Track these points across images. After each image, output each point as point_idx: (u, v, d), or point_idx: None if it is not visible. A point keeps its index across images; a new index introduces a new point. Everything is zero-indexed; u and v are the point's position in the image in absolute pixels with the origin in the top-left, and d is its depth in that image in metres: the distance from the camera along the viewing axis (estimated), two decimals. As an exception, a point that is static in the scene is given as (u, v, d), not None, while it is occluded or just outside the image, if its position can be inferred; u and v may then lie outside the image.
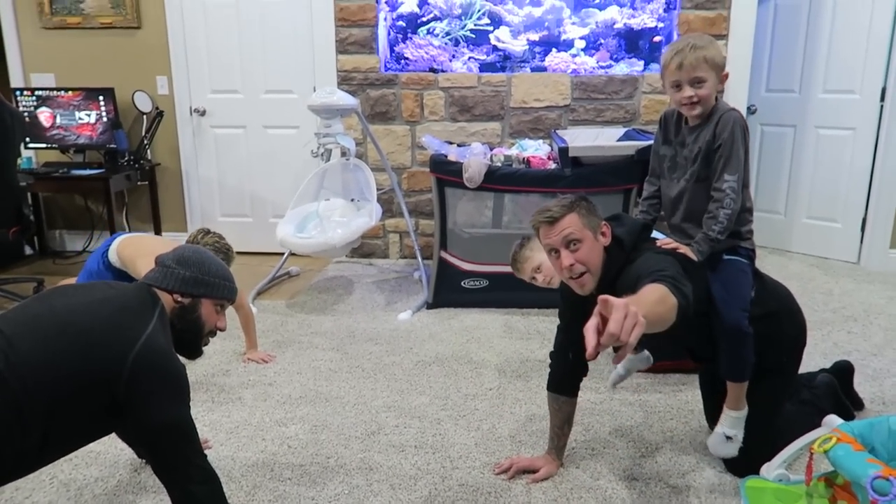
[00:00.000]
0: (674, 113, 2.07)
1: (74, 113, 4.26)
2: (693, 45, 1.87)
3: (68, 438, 1.50)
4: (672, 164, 2.05)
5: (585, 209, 1.82)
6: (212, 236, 2.68)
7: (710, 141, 1.92)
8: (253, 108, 4.37)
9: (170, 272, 1.68)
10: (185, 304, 1.68)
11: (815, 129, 4.24)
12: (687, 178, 1.99)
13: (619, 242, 1.84)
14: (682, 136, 2.02)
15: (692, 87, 1.89)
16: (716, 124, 1.91)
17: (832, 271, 4.03)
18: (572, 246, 1.79)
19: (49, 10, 4.31)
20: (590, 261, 1.79)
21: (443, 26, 4.20)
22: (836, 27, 4.05)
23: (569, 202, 1.82)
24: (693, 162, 1.97)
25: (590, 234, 1.80)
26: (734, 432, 1.95)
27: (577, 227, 1.79)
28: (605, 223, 1.86)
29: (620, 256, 1.82)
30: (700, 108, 1.92)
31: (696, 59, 1.86)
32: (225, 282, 1.75)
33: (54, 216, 4.72)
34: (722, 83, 1.94)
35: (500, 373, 2.75)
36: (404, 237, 4.38)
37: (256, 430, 2.32)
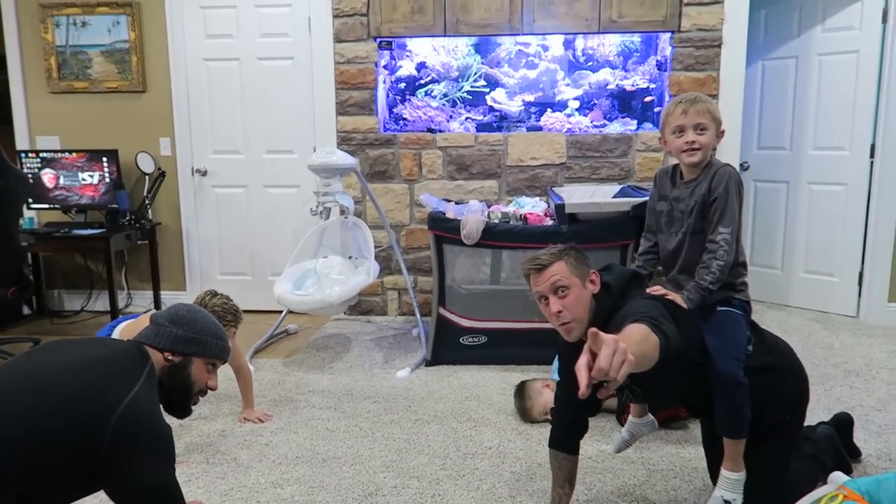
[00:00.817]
0: (668, 170, 2.13)
1: (78, 174, 4.33)
2: (697, 97, 2.00)
3: (49, 498, 1.47)
4: (669, 219, 2.09)
5: (574, 258, 1.85)
6: (219, 298, 2.68)
7: (705, 194, 1.97)
8: (254, 167, 4.45)
9: (162, 330, 1.68)
10: (175, 362, 1.67)
11: (807, 185, 4.30)
12: (684, 230, 2.03)
13: (607, 288, 1.86)
14: (678, 191, 2.07)
15: (695, 133, 1.97)
16: (711, 178, 1.97)
17: (831, 325, 4.02)
18: (560, 293, 1.81)
19: (57, 76, 4.44)
20: (577, 308, 1.81)
21: (440, 88, 4.31)
22: (823, 86, 4.16)
23: (558, 251, 1.86)
24: (689, 215, 2.01)
25: (577, 282, 1.82)
26: (733, 496, 1.88)
27: (564, 274, 1.81)
28: (594, 272, 1.88)
29: (609, 302, 1.83)
30: (699, 156, 1.98)
31: (701, 107, 1.97)
32: (217, 340, 1.75)
33: (53, 276, 4.73)
34: (719, 139, 2.02)
35: (500, 431, 2.71)
36: (403, 294, 4.38)
37: (251, 491, 2.27)
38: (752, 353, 1.93)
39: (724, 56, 3.97)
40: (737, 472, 1.89)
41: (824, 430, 2.29)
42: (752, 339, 1.97)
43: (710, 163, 2.02)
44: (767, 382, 1.90)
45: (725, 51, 3.97)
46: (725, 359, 1.86)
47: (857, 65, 4.00)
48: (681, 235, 2.04)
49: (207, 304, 2.59)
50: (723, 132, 2.02)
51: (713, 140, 1.99)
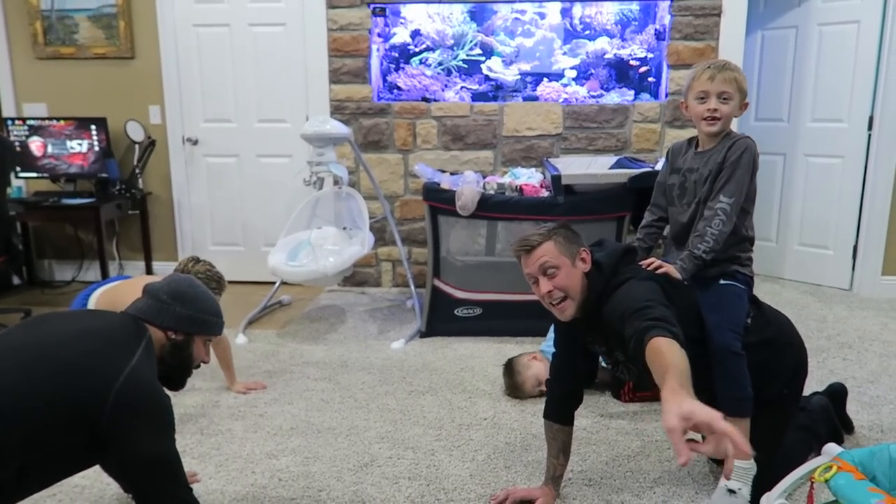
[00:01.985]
0: (682, 144, 2.10)
1: (66, 142, 4.25)
2: (727, 64, 1.93)
3: (48, 471, 1.46)
4: (681, 191, 2.04)
5: (563, 236, 1.84)
6: (203, 264, 2.65)
7: (720, 163, 1.93)
8: (246, 137, 4.38)
9: (165, 308, 1.65)
10: (178, 341, 1.66)
11: (804, 158, 4.28)
12: (697, 200, 1.99)
13: (598, 267, 1.85)
14: (692, 162, 2.02)
15: (718, 101, 1.91)
16: (728, 148, 1.93)
17: (825, 298, 4.04)
18: (549, 273, 1.82)
19: (43, 41, 4.33)
20: (568, 286, 1.81)
21: (435, 56, 4.24)
22: (823, 57, 4.11)
23: (546, 230, 1.85)
24: (703, 184, 1.97)
25: (567, 261, 1.82)
26: (738, 486, 1.84)
27: (552, 254, 1.81)
28: (585, 249, 1.87)
29: (600, 281, 1.82)
30: (718, 126, 1.93)
31: (728, 75, 1.90)
32: (217, 318, 1.75)
33: (44, 246, 4.68)
34: (742, 111, 1.96)
35: (495, 402, 2.72)
36: (397, 265, 4.36)
37: (246, 462, 2.27)
38: (751, 326, 1.92)
39: (724, 25, 3.91)
40: (741, 462, 1.83)
41: (819, 400, 2.30)
42: (752, 311, 1.96)
43: (728, 134, 1.97)
44: (766, 356, 1.90)
45: (725, 20, 3.91)
46: (722, 331, 1.85)
47: (858, 35, 3.95)
48: (694, 206, 2.00)
49: (191, 271, 2.55)
50: (746, 104, 1.96)
51: (735, 111, 1.93)
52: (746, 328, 1.91)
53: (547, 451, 2.05)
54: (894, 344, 3.29)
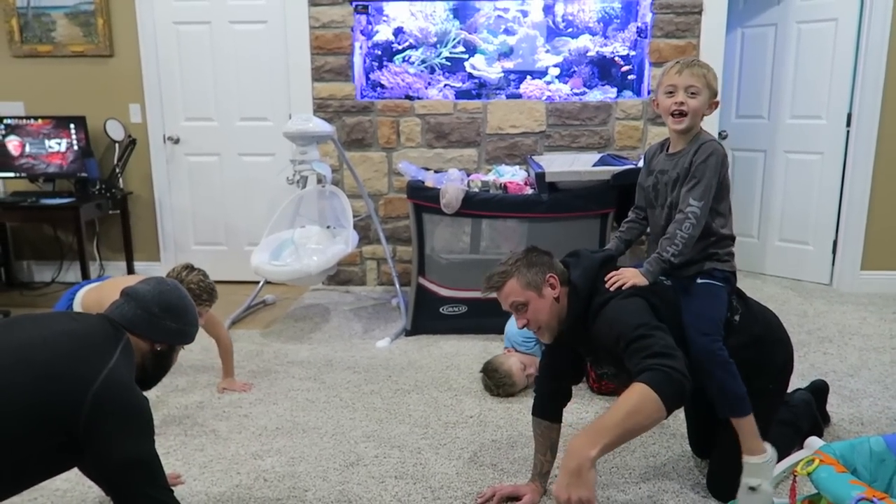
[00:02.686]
0: (658, 145, 2.08)
1: (44, 141, 4.19)
2: (696, 61, 1.93)
3: (24, 474, 1.44)
4: (655, 193, 2.03)
5: (526, 268, 1.88)
6: (196, 274, 2.60)
7: (687, 168, 1.90)
8: (227, 135, 4.34)
9: (156, 322, 1.64)
10: (163, 350, 1.68)
11: (784, 154, 4.33)
12: (668, 205, 1.97)
13: (575, 289, 1.86)
14: (663, 164, 2.00)
15: (685, 94, 1.88)
16: (695, 151, 1.90)
17: (805, 293, 4.09)
18: (520, 309, 1.88)
19: (19, 39, 4.26)
20: (539, 317, 1.88)
21: (418, 54, 4.23)
22: (801, 55, 4.16)
23: (506, 268, 1.90)
24: (672, 188, 1.95)
25: (533, 294, 1.87)
26: (757, 482, 1.81)
27: (517, 292, 1.87)
28: (552, 275, 1.88)
29: (579, 304, 1.86)
30: (686, 122, 1.89)
31: (696, 71, 1.89)
32: (195, 329, 1.77)
33: (22, 247, 4.61)
34: (711, 109, 1.94)
35: (481, 399, 2.72)
36: (382, 264, 4.35)
37: (231, 463, 2.26)
38: (739, 324, 1.93)
39: (705, 23, 3.94)
40: (756, 455, 1.83)
41: (802, 395, 2.32)
42: (740, 308, 1.96)
43: (698, 135, 1.94)
44: (755, 353, 1.90)
45: (706, 18, 3.94)
46: (698, 336, 1.83)
47: (836, 33, 4.00)
48: (666, 209, 1.98)
49: (183, 280, 2.53)
50: (716, 103, 1.94)
51: (703, 107, 1.90)
52: (734, 327, 1.91)
53: (535, 448, 2.06)
54: (874, 338, 3.34)
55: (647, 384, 1.52)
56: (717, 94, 1.94)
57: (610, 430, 1.50)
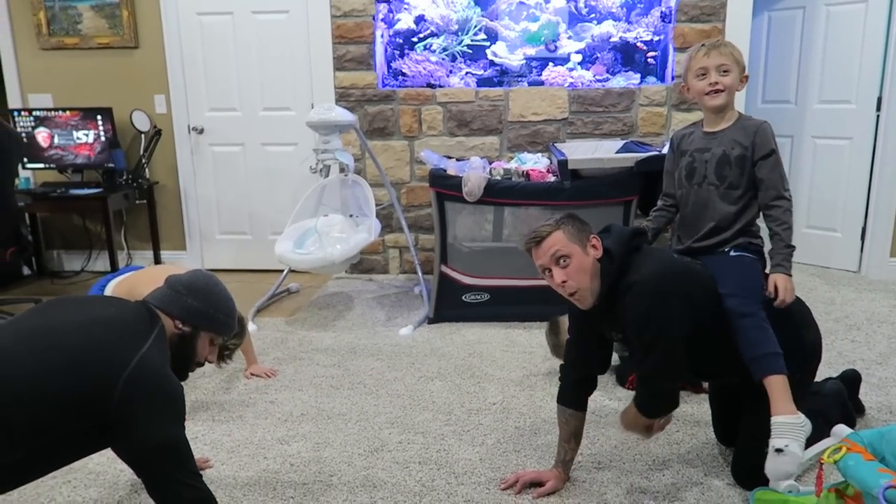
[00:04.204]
0: (685, 131, 2.13)
1: (72, 133, 4.26)
2: (720, 40, 2.00)
3: (57, 454, 1.48)
4: (689, 172, 2.05)
5: (571, 225, 1.85)
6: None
7: (745, 147, 1.96)
8: (251, 125, 4.38)
9: (178, 298, 1.66)
10: (185, 332, 1.67)
11: (812, 140, 4.25)
12: (712, 182, 2.00)
13: (608, 254, 1.85)
14: (701, 143, 2.03)
15: (718, 73, 1.95)
16: (753, 134, 1.96)
17: (833, 280, 4.03)
18: (562, 262, 1.82)
19: (47, 31, 4.33)
20: (581, 276, 1.82)
21: (440, 42, 4.22)
22: (830, 38, 4.07)
23: (554, 221, 1.86)
24: (720, 165, 1.98)
25: (578, 249, 1.82)
26: (784, 443, 1.77)
27: (563, 243, 1.82)
28: (595, 237, 1.87)
29: (612, 269, 1.83)
30: (722, 98, 1.97)
31: (724, 49, 1.97)
32: (228, 318, 1.75)
33: (52, 236, 4.71)
34: (742, 84, 2.01)
35: (504, 387, 2.73)
36: (404, 252, 4.37)
37: (258, 448, 2.30)
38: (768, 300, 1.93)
39: (730, 6, 3.88)
40: (784, 416, 1.80)
41: (833, 385, 2.29)
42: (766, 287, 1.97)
43: (740, 115, 2.01)
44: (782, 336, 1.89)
45: (731, 1, 3.88)
46: (735, 298, 1.86)
47: (866, 15, 3.91)
48: (706, 186, 2.01)
49: None
50: (746, 77, 2.02)
51: (736, 83, 1.98)
52: (766, 301, 1.92)
53: (559, 435, 2.05)
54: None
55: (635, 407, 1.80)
56: (745, 69, 2.02)
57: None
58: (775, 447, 1.79)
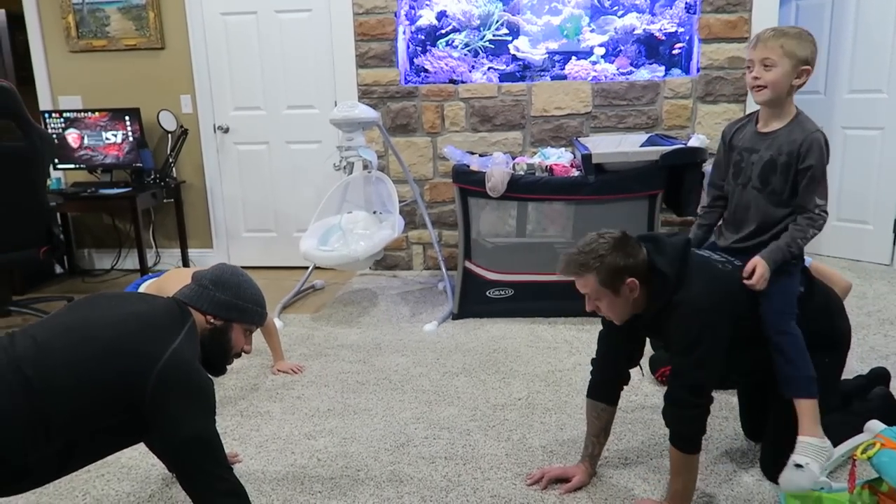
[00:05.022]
0: (738, 123, 2.03)
1: (101, 133, 4.33)
2: (777, 31, 1.85)
3: (93, 447, 1.52)
4: (736, 170, 1.97)
5: (607, 269, 1.75)
6: None
7: (791, 155, 1.84)
8: (275, 123, 4.42)
9: (206, 293, 1.69)
10: (217, 326, 1.70)
11: (842, 130, 4.17)
12: (755, 185, 1.92)
13: (663, 278, 1.78)
14: (751, 142, 1.94)
15: (761, 68, 1.83)
16: (800, 144, 1.83)
17: (865, 274, 3.95)
18: (591, 300, 1.83)
19: (76, 34, 4.41)
20: (611, 313, 1.84)
21: (462, 38, 4.21)
22: (861, 25, 3.99)
23: (587, 260, 1.77)
24: (765, 169, 1.89)
25: (608, 293, 1.78)
26: (806, 461, 1.78)
27: (593, 289, 1.79)
28: (633, 279, 1.76)
29: (666, 293, 1.77)
30: (766, 94, 1.84)
31: (772, 42, 1.82)
32: (257, 308, 1.77)
33: (83, 235, 4.80)
34: (800, 78, 1.84)
35: (529, 382, 2.73)
36: (428, 248, 4.38)
37: (285, 443, 2.32)
38: (802, 293, 1.91)
39: (757, -4, 3.82)
40: (810, 437, 1.80)
41: (879, 390, 2.26)
42: (803, 283, 1.95)
43: (797, 117, 1.87)
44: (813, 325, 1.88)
45: (758, -10, 3.81)
46: (772, 313, 1.84)
47: (898, 0, 3.82)
48: (750, 189, 1.93)
49: None
50: (806, 70, 1.82)
51: (785, 78, 1.81)
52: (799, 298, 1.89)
53: (587, 429, 2.04)
54: (937, 319, 3.22)
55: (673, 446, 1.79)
56: (806, 62, 1.82)
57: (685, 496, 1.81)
58: (795, 462, 1.79)
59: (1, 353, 1.46)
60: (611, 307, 1.81)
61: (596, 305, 1.83)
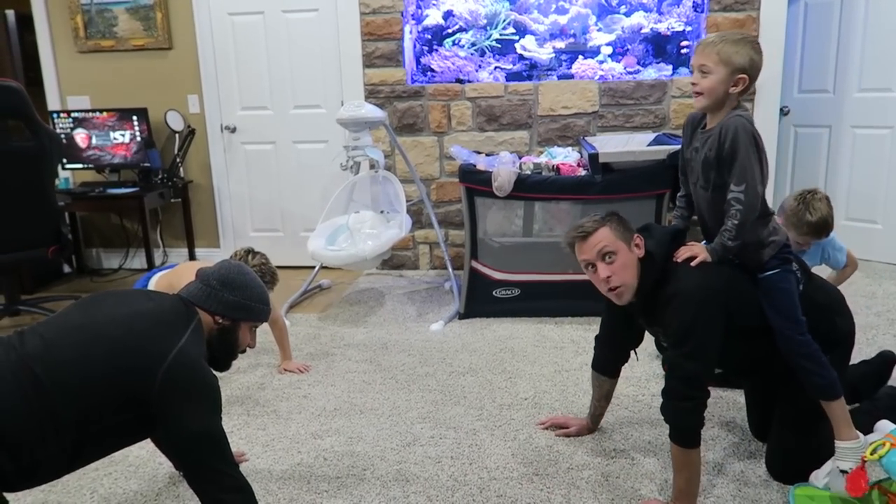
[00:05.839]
0: (695, 116, 1.97)
1: (109, 133, 4.35)
2: (720, 36, 1.80)
3: (101, 444, 1.53)
4: (690, 169, 1.97)
5: (617, 222, 1.88)
6: (258, 258, 2.71)
7: (717, 148, 1.81)
8: (282, 123, 4.43)
9: (213, 293, 1.69)
10: (225, 325, 1.71)
11: (851, 129, 4.15)
12: (703, 185, 1.90)
13: (651, 256, 1.87)
14: (698, 140, 1.91)
15: (698, 74, 1.81)
16: (720, 131, 1.80)
17: (874, 274, 3.93)
18: (607, 259, 1.85)
19: (84, 34, 4.43)
20: (625, 273, 1.85)
21: (468, 37, 4.21)
22: (870, 23, 3.96)
23: (600, 217, 1.88)
24: (704, 168, 1.87)
25: (624, 246, 1.86)
26: (849, 466, 1.77)
27: (610, 239, 1.85)
28: (638, 235, 1.90)
29: (654, 270, 1.86)
30: (702, 101, 1.82)
31: (709, 49, 1.79)
32: (263, 306, 1.79)
33: (91, 235, 4.82)
34: (735, 86, 1.78)
35: (535, 382, 2.72)
36: (434, 248, 4.38)
37: (292, 442, 2.32)
38: (801, 291, 1.90)
39: (765, -6, 3.80)
40: (847, 441, 1.80)
41: (888, 389, 2.25)
42: (802, 279, 1.94)
43: (732, 111, 1.82)
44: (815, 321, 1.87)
45: (766, -12, 3.79)
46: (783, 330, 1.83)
47: (908, -1, 3.80)
48: (700, 188, 1.91)
49: (247, 263, 2.61)
50: (741, 79, 1.77)
51: (721, 85, 1.77)
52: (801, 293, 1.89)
53: (592, 394, 2.25)
54: (948, 319, 3.19)
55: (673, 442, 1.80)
56: (743, 70, 1.77)
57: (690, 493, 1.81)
58: (840, 468, 1.78)
59: (10, 351, 1.47)
60: (625, 264, 1.84)
61: (610, 270, 1.83)
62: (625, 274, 1.84)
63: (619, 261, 1.84)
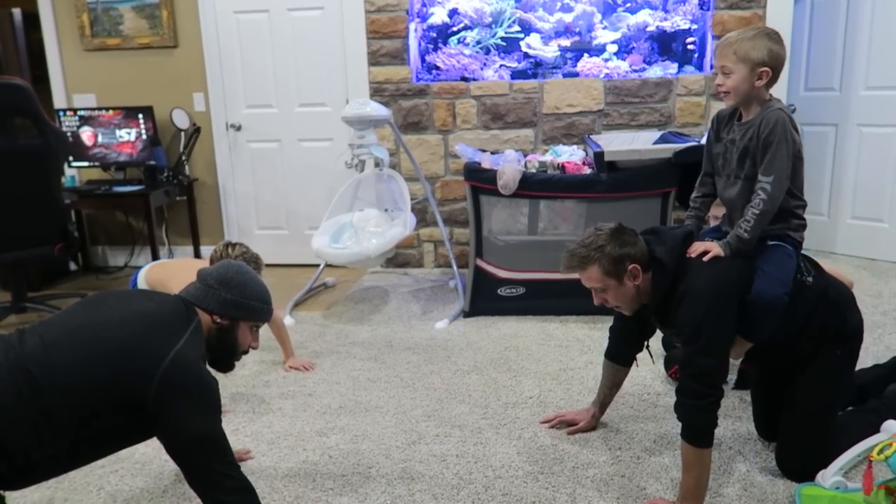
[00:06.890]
0: (728, 111, 2.02)
1: (115, 131, 4.36)
2: (735, 35, 1.85)
3: (99, 445, 1.54)
4: (724, 162, 1.99)
5: (608, 258, 1.84)
6: (238, 248, 2.68)
7: (755, 139, 1.86)
8: (287, 121, 4.43)
9: (212, 292, 1.68)
10: (223, 325, 1.70)
11: (857, 128, 4.13)
12: (737, 175, 1.93)
13: (661, 266, 1.85)
14: (735, 133, 1.95)
15: (722, 75, 1.87)
16: (759, 123, 1.85)
17: (880, 272, 3.91)
18: (598, 292, 1.90)
19: (90, 33, 4.44)
20: (619, 301, 1.90)
21: (473, 35, 4.20)
22: (877, 21, 3.94)
23: (588, 252, 1.85)
24: (740, 158, 1.90)
25: (613, 283, 1.87)
26: None
27: (597, 279, 1.87)
28: (635, 265, 1.84)
29: (666, 279, 1.85)
30: (732, 100, 1.89)
31: (725, 50, 1.85)
32: (263, 305, 1.76)
33: (97, 232, 4.83)
34: (760, 79, 1.84)
35: (540, 380, 2.72)
36: (439, 246, 4.38)
37: (297, 440, 2.33)
38: (812, 284, 1.91)
39: (772, -8, 3.78)
40: None
41: (894, 387, 2.24)
42: (812, 271, 1.94)
43: (766, 102, 1.88)
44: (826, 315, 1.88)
45: (772, -14, 3.78)
46: (771, 280, 1.82)
47: (915, -4, 3.77)
48: (734, 180, 1.94)
49: (230, 256, 2.59)
50: (764, 72, 1.82)
51: (744, 83, 1.83)
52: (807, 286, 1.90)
53: (602, 382, 2.27)
54: (955, 319, 3.18)
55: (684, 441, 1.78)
56: (763, 64, 1.81)
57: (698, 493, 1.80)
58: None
59: (9, 350, 1.47)
60: (617, 297, 1.89)
61: (603, 298, 1.90)
62: (619, 301, 1.90)
63: (609, 295, 1.89)
